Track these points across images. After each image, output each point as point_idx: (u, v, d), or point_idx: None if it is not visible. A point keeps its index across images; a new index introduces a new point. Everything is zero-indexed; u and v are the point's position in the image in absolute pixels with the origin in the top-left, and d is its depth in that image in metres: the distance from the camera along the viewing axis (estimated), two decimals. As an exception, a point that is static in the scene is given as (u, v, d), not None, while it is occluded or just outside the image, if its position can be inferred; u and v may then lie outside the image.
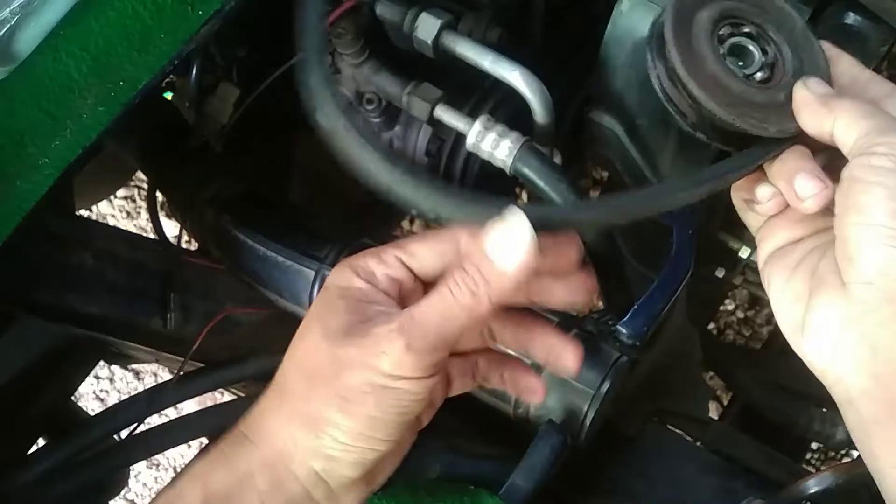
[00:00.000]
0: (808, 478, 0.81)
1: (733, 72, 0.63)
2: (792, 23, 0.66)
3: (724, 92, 0.62)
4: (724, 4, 0.65)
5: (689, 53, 0.63)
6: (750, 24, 0.65)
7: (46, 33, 0.68)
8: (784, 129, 0.62)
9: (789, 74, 0.64)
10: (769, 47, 0.65)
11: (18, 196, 0.70)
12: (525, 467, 0.75)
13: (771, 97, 0.63)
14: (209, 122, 0.97)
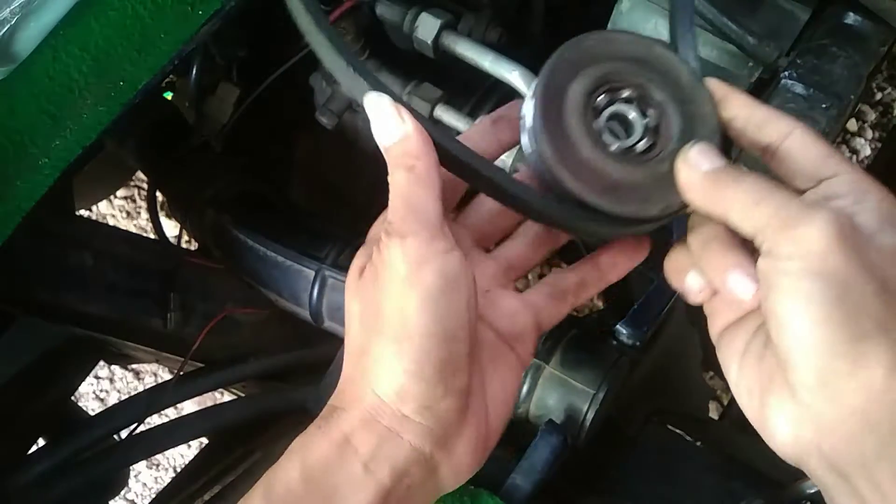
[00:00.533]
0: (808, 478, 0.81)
1: (611, 151, 0.58)
2: (677, 72, 0.60)
3: (600, 178, 0.57)
4: (599, 70, 0.59)
5: (560, 139, 0.57)
6: (629, 87, 0.59)
7: (46, 33, 0.68)
8: (669, 205, 0.57)
9: (675, 137, 0.58)
10: (652, 109, 0.59)
11: (18, 196, 0.70)
12: (525, 467, 0.75)
13: (654, 170, 0.58)
14: (209, 122, 0.97)
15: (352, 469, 0.49)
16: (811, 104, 0.82)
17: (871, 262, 0.47)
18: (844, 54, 0.83)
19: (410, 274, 0.49)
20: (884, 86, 2.12)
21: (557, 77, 0.58)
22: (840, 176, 0.52)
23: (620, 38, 0.60)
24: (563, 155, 0.57)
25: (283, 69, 0.96)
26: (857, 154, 2.10)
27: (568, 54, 0.59)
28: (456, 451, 0.51)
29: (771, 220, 0.49)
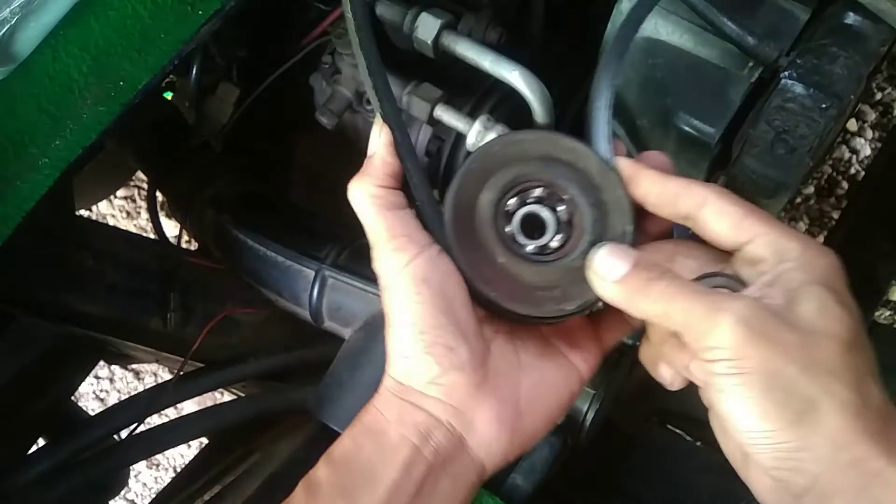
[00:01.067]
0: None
1: (526, 254, 0.60)
2: (585, 161, 0.61)
3: (516, 284, 0.59)
4: (506, 175, 0.60)
5: (474, 252, 0.60)
6: (538, 187, 0.61)
7: (46, 33, 0.68)
8: (586, 301, 0.59)
9: (588, 229, 0.59)
10: (562, 205, 0.60)
11: (18, 196, 0.70)
12: (525, 467, 0.75)
13: (569, 267, 0.59)
14: (209, 122, 0.97)
15: (387, 429, 0.56)
16: (811, 104, 0.82)
17: (787, 344, 0.50)
18: (844, 54, 0.83)
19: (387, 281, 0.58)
20: (884, 86, 2.12)
21: (466, 190, 0.61)
22: (756, 239, 0.54)
23: (526, 137, 0.62)
24: (478, 268, 0.60)
25: (283, 69, 0.96)
26: (857, 154, 2.10)
27: (474, 165, 0.61)
28: (475, 423, 0.57)
29: (683, 326, 0.52)
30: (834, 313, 0.51)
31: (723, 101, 0.88)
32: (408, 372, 0.57)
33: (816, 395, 0.49)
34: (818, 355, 0.50)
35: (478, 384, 0.57)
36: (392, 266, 0.58)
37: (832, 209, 2.07)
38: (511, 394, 0.58)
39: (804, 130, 0.83)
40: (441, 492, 0.56)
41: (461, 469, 0.57)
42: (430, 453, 0.56)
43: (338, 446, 0.57)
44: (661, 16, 0.89)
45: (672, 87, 0.90)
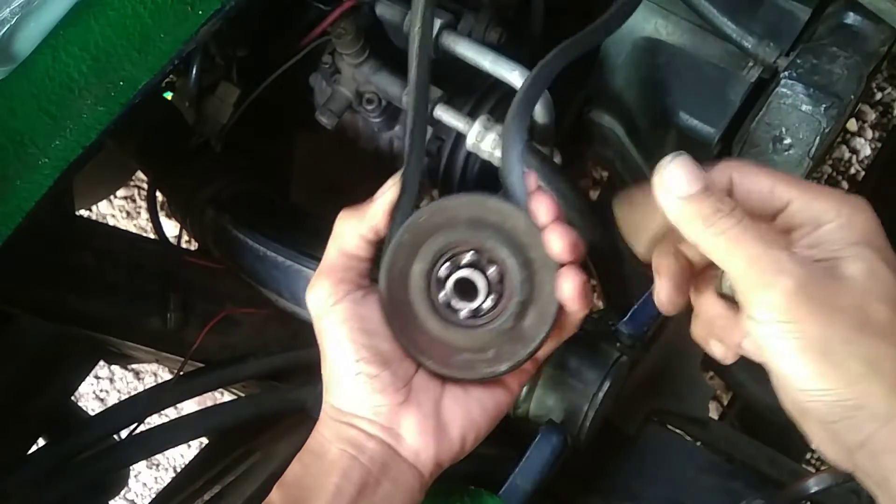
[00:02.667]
0: (807, 478, 0.81)
1: (459, 319, 0.64)
2: (512, 219, 0.62)
3: (450, 351, 0.64)
4: (436, 243, 0.63)
5: (408, 322, 0.64)
6: (468, 251, 0.63)
7: (46, 33, 0.68)
8: (517, 361, 0.64)
9: (517, 289, 0.62)
10: (492, 267, 0.63)
11: (18, 196, 0.70)
12: (525, 467, 0.75)
13: (500, 328, 0.63)
14: (209, 122, 0.97)
15: (327, 447, 0.63)
16: (811, 104, 0.82)
17: (840, 306, 0.51)
18: (844, 54, 0.83)
19: (315, 315, 0.66)
20: (884, 86, 2.12)
21: (398, 263, 0.64)
22: (790, 206, 0.55)
23: (452, 203, 0.64)
24: (412, 337, 0.64)
25: (283, 69, 0.96)
26: (857, 154, 2.10)
27: (404, 237, 0.64)
28: (402, 435, 0.64)
29: (740, 274, 0.52)
30: (880, 274, 0.52)
31: (723, 101, 0.88)
32: (339, 398, 0.64)
33: (872, 356, 0.50)
34: (871, 317, 0.51)
35: (400, 402, 0.63)
36: (320, 303, 0.65)
37: (832, 209, 2.07)
38: (432, 408, 0.65)
39: (804, 130, 0.83)
40: (383, 492, 0.63)
41: (399, 473, 0.64)
42: (367, 460, 0.63)
43: (288, 472, 0.64)
44: (661, 16, 0.89)
45: (672, 87, 0.90)
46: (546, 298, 0.63)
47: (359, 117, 0.98)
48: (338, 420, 0.64)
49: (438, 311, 0.64)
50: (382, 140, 0.99)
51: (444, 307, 0.64)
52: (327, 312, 0.64)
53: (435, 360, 0.64)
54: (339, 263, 0.66)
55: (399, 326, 0.64)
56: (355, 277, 0.65)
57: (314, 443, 0.65)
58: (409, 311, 0.64)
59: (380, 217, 0.65)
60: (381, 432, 0.63)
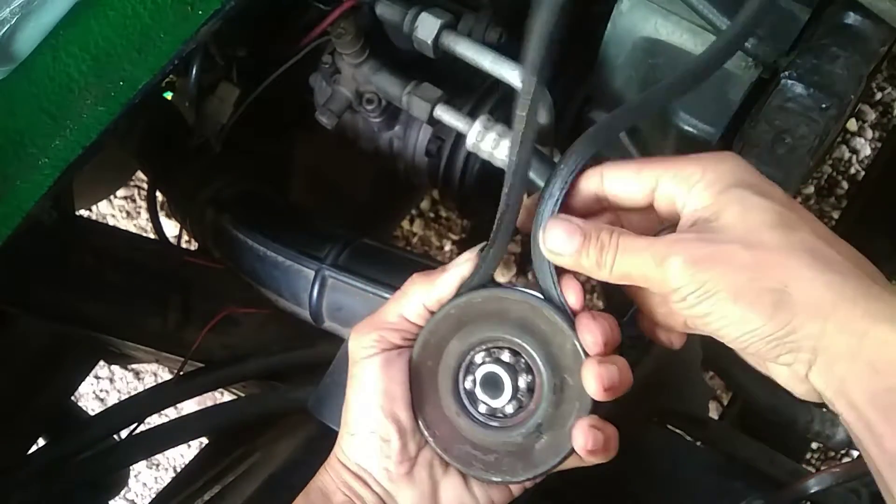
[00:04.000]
0: (808, 478, 0.81)
1: (473, 413, 0.63)
2: (561, 338, 0.61)
3: (455, 437, 0.64)
4: (481, 330, 0.63)
5: (428, 394, 0.64)
6: (508, 350, 0.62)
7: (46, 33, 0.68)
8: (513, 478, 0.62)
9: (540, 410, 0.61)
10: (526, 376, 0.62)
11: (18, 196, 0.70)
12: (525, 467, 0.75)
13: (508, 440, 0.62)
14: (209, 121, 0.97)
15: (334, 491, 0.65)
16: (811, 104, 0.82)
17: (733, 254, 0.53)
18: (844, 54, 0.83)
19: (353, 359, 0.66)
20: (884, 86, 2.12)
21: (438, 333, 0.64)
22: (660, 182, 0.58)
23: (510, 295, 0.62)
24: (426, 408, 0.64)
25: (283, 69, 0.96)
26: (857, 154, 2.10)
27: (453, 312, 0.63)
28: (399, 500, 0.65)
29: (646, 283, 0.57)
30: (756, 204, 0.55)
31: (723, 101, 0.88)
32: (351, 448, 0.66)
33: (779, 282, 0.52)
34: (762, 248, 0.53)
35: (403, 474, 0.65)
36: (359, 349, 0.66)
37: (832, 209, 2.07)
38: (431, 488, 0.66)
39: (804, 130, 0.83)
40: None
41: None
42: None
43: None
44: (661, 16, 0.89)
45: (672, 87, 0.90)
46: (565, 434, 0.61)
47: (359, 117, 0.98)
48: (345, 467, 0.66)
49: (460, 395, 0.64)
50: (382, 140, 0.99)
51: (466, 394, 0.64)
52: (363, 361, 0.65)
53: (437, 439, 0.64)
54: (394, 323, 0.66)
55: (416, 393, 0.64)
56: (400, 339, 0.66)
57: (321, 482, 0.67)
58: (432, 383, 0.64)
59: (448, 292, 0.64)
60: (382, 494, 0.65)
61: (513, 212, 0.61)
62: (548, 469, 0.62)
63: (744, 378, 1.07)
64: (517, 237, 0.64)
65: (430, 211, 2.13)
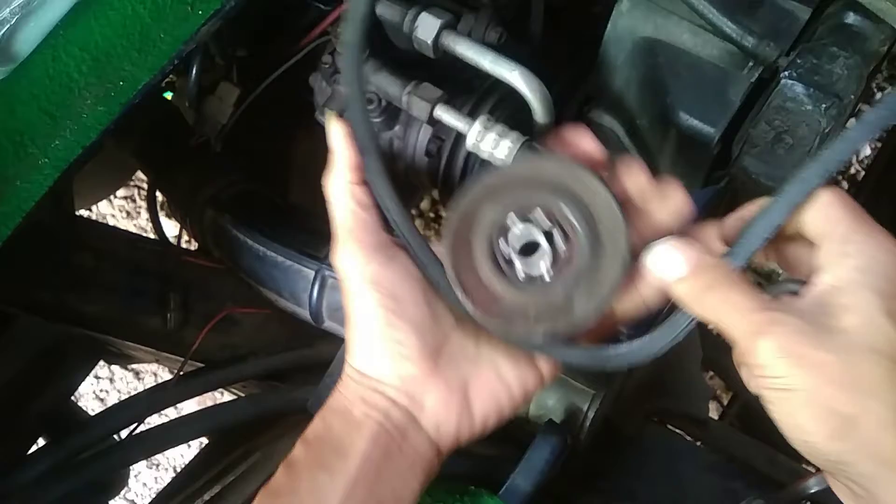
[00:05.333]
0: (808, 478, 0.81)
1: (510, 276, 0.62)
2: (600, 200, 0.61)
3: (494, 301, 0.62)
4: (518, 196, 0.62)
5: (464, 261, 0.63)
6: (546, 215, 0.62)
7: (46, 33, 0.68)
8: (556, 327, 0.61)
9: (579, 267, 0.61)
10: (564, 240, 0.61)
11: (18, 196, 0.70)
12: (525, 467, 0.75)
13: (550, 297, 0.61)
14: (209, 121, 0.97)
15: (353, 409, 0.62)
16: (811, 104, 0.82)
17: (826, 364, 0.52)
18: (844, 54, 0.83)
19: (344, 278, 0.64)
20: (884, 86, 2.12)
21: (474, 201, 0.63)
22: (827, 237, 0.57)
23: (548, 164, 0.64)
24: (462, 276, 0.62)
25: (283, 69, 0.96)
26: (857, 154, 2.10)
27: (490, 179, 0.63)
28: (425, 405, 0.62)
29: (732, 340, 0.56)
30: (880, 327, 0.52)
31: (723, 101, 0.88)
32: (364, 362, 0.63)
33: (855, 413, 0.51)
34: (858, 373, 0.51)
35: (427, 372, 0.62)
36: (350, 266, 0.64)
37: (832, 209, 2.07)
38: (459, 382, 0.63)
39: (804, 130, 0.83)
40: (405, 460, 0.62)
41: (419, 444, 0.63)
42: (392, 427, 0.62)
43: (310, 428, 0.63)
44: (661, 16, 0.89)
45: (672, 87, 0.90)
46: (603, 284, 0.61)
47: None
48: (362, 384, 0.63)
49: (496, 260, 0.62)
50: (382, 140, 0.99)
51: (503, 259, 0.63)
52: (356, 275, 0.63)
53: (476, 305, 0.62)
54: (361, 223, 0.65)
55: (455, 264, 0.62)
56: (375, 236, 0.64)
57: (337, 403, 0.63)
58: (467, 252, 0.63)
59: (345, 153, 0.67)
60: (406, 399, 0.62)
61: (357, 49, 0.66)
62: (592, 314, 0.61)
63: (744, 378, 1.07)
64: None
65: (430, 211, 2.13)
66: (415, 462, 0.62)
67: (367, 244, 0.64)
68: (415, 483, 0.63)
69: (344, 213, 0.66)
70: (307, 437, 0.63)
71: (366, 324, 0.63)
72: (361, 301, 0.63)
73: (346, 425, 0.62)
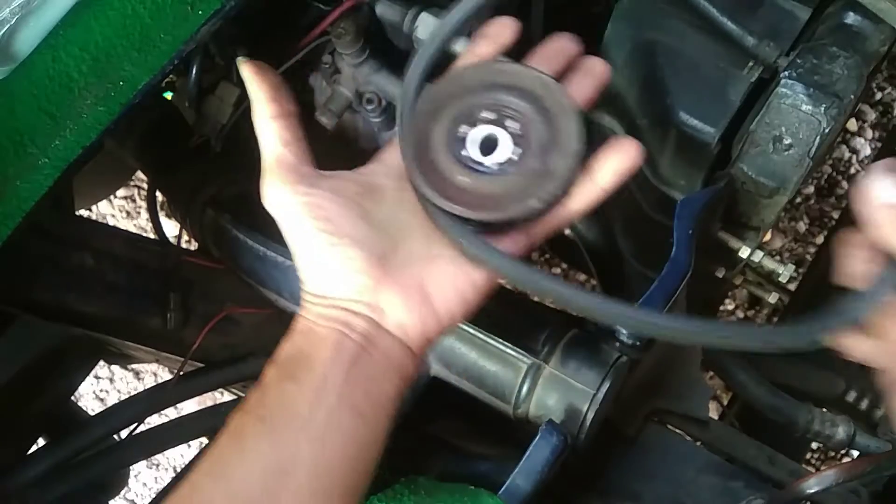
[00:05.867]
0: (808, 478, 0.81)
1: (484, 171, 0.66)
2: (526, 78, 0.67)
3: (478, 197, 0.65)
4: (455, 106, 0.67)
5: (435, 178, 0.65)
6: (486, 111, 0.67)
7: (46, 33, 0.68)
8: (550, 195, 0.64)
9: (538, 134, 0.65)
10: (513, 121, 0.66)
11: (18, 196, 0.70)
12: (525, 467, 0.75)
13: (526, 170, 0.65)
14: (209, 122, 0.97)
15: (314, 326, 0.64)
16: (811, 104, 0.82)
17: None
18: (844, 54, 0.83)
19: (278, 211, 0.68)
20: (884, 86, 2.12)
21: (420, 125, 0.67)
22: None
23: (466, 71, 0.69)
24: (441, 190, 0.65)
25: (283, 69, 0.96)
26: (857, 154, 2.10)
27: (423, 105, 0.67)
28: (385, 309, 0.64)
29: None
30: None
31: (723, 101, 0.88)
32: (319, 283, 0.65)
33: None
34: None
35: (379, 279, 0.64)
36: (279, 199, 0.67)
37: (832, 209, 2.07)
38: (414, 281, 0.65)
39: (804, 130, 0.83)
40: (375, 364, 0.63)
41: (388, 348, 0.64)
42: (356, 336, 0.63)
43: (278, 352, 0.64)
44: (661, 16, 0.89)
45: (672, 87, 0.90)
46: (567, 140, 0.65)
47: (359, 117, 0.98)
48: (320, 304, 0.65)
49: (463, 164, 0.66)
50: (382, 140, 0.99)
51: (470, 162, 0.66)
52: (287, 207, 0.66)
53: (467, 207, 0.64)
54: (275, 158, 0.68)
55: (428, 183, 0.65)
56: (298, 168, 0.68)
57: (299, 325, 0.65)
58: (434, 169, 0.66)
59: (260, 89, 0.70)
60: (365, 309, 0.64)
61: None
62: (571, 170, 0.65)
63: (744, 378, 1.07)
64: None
65: (430, 211, 2.13)
66: (386, 366, 0.64)
67: (290, 177, 0.67)
68: (388, 385, 0.64)
69: (266, 149, 0.68)
70: (275, 358, 0.64)
71: (308, 249, 0.65)
72: (299, 229, 0.66)
73: (311, 340, 0.63)
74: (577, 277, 2.03)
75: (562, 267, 2.05)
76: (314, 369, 0.61)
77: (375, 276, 0.64)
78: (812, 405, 1.04)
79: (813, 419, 1.02)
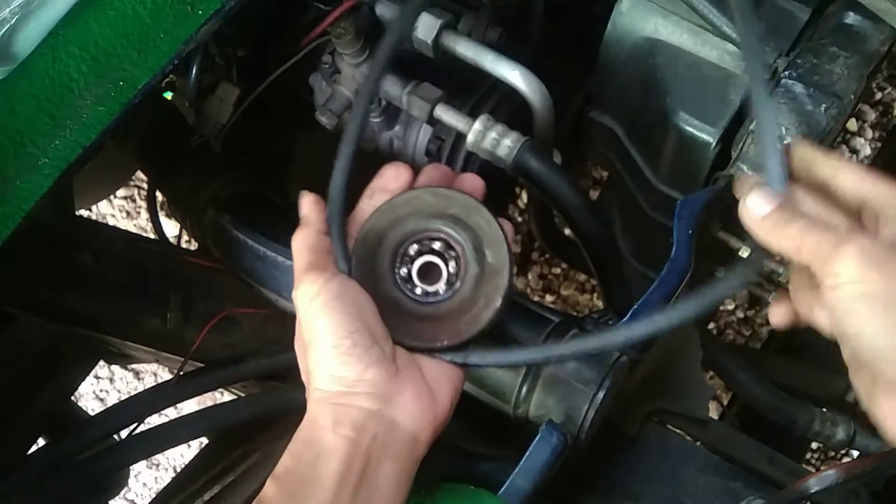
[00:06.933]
0: (808, 478, 0.81)
1: (411, 294, 0.71)
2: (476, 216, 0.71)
3: (435, 326, 0.70)
4: (406, 227, 0.72)
5: (389, 313, 0.69)
6: (437, 240, 0.71)
7: (46, 33, 0.68)
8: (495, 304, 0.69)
9: (469, 281, 0.70)
10: (454, 259, 0.71)
11: (18, 196, 0.70)
12: (525, 467, 0.75)
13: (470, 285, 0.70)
14: (209, 121, 0.97)
15: (323, 435, 0.64)
16: (811, 104, 0.82)
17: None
18: (844, 54, 0.83)
19: (303, 307, 0.67)
20: (884, 86, 2.12)
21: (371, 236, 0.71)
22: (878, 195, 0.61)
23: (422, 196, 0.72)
24: (396, 326, 0.69)
25: (283, 69, 0.96)
26: (857, 154, 2.10)
27: (361, 252, 0.71)
28: (400, 403, 0.66)
29: (813, 257, 0.58)
30: None
31: (723, 101, 0.88)
32: (334, 379, 0.65)
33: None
34: None
35: (393, 374, 0.66)
36: (307, 293, 0.67)
37: (832, 209, 2.06)
38: (419, 377, 0.68)
39: (804, 130, 0.83)
40: (385, 473, 0.64)
41: (399, 449, 0.66)
42: (367, 443, 0.64)
43: (279, 465, 0.64)
44: (661, 16, 0.89)
45: (672, 87, 0.90)
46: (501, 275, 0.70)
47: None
48: (334, 403, 0.65)
49: (397, 282, 0.71)
50: (382, 140, 0.99)
51: (402, 281, 0.72)
52: (315, 298, 0.67)
53: (424, 340, 0.69)
54: (309, 256, 0.70)
55: (385, 319, 0.69)
56: (327, 264, 0.70)
57: (306, 433, 0.65)
58: (371, 272, 0.71)
59: (315, 219, 0.74)
60: (382, 404, 0.65)
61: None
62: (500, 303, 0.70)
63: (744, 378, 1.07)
64: None
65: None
66: (395, 471, 0.65)
67: (323, 270, 0.69)
68: (402, 478, 0.65)
69: (301, 255, 0.71)
70: (277, 473, 0.64)
71: (331, 340, 0.65)
72: (327, 318, 0.66)
73: (318, 453, 0.63)
74: (577, 278, 2.03)
75: (562, 267, 2.05)
76: (322, 489, 0.62)
77: (391, 370, 0.66)
78: (812, 405, 1.04)
79: (813, 419, 1.03)
